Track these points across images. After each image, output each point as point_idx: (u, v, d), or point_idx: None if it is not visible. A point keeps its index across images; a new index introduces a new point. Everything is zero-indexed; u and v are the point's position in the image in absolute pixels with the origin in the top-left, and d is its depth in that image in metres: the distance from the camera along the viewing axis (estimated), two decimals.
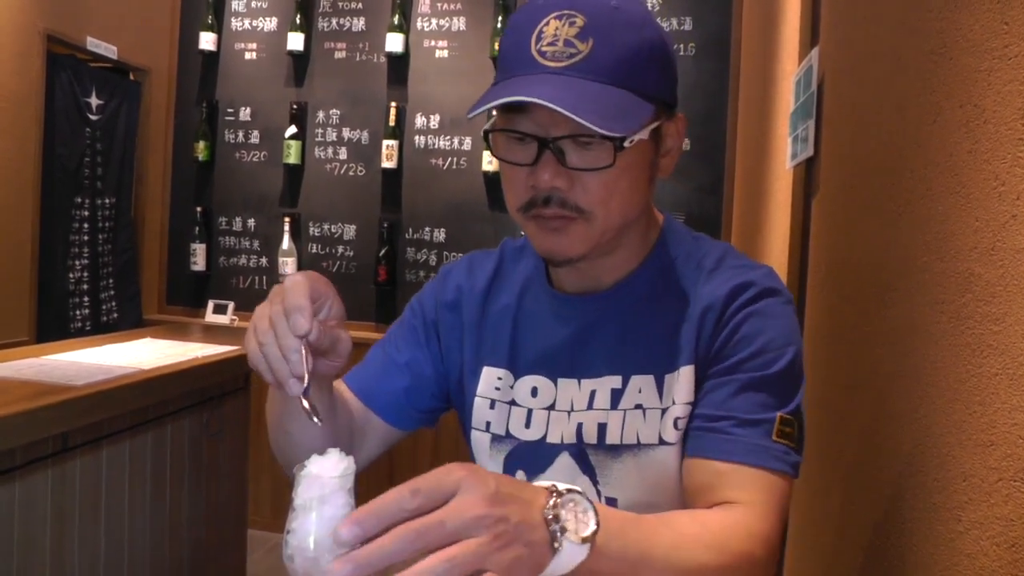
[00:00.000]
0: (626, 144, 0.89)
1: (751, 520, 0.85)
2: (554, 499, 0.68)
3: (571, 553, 0.67)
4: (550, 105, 0.83)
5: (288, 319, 0.79)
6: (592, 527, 0.68)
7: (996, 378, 0.73)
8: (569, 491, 0.70)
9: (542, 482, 0.71)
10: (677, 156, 1.01)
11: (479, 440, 1.08)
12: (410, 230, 3.75)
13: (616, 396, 0.99)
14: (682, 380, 0.97)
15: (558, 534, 0.66)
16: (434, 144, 3.72)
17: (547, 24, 0.91)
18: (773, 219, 2.22)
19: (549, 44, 0.90)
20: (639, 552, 0.74)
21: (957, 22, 0.87)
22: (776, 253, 2.07)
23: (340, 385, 1.10)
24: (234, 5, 3.92)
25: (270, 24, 3.89)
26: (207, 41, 3.87)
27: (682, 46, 3.51)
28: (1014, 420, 0.70)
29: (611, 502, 0.99)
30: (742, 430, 0.90)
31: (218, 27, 3.91)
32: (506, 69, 0.93)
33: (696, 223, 3.42)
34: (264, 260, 3.89)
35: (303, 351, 0.80)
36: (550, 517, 0.67)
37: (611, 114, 0.86)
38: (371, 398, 1.10)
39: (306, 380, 0.80)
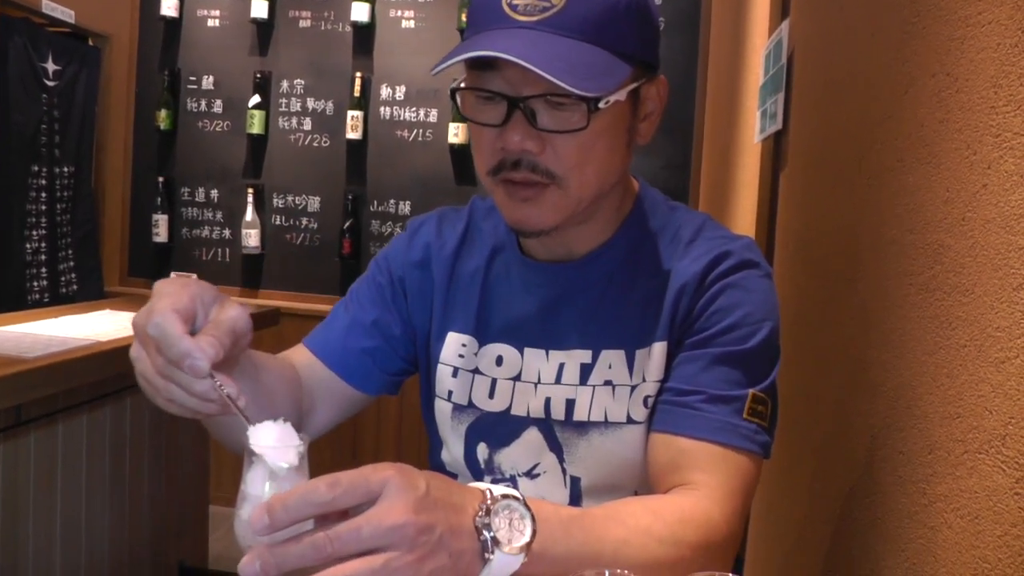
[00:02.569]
0: (600, 105, 0.85)
1: (710, 506, 0.83)
2: (487, 504, 0.65)
3: (504, 563, 0.64)
4: (519, 61, 0.79)
5: (184, 368, 0.68)
6: (527, 537, 0.66)
7: (964, 349, 0.73)
8: (505, 496, 0.67)
9: (478, 484, 0.69)
10: (657, 121, 0.98)
11: (441, 409, 1.05)
12: (375, 202, 3.70)
13: (586, 371, 0.97)
14: (654, 357, 0.94)
15: (489, 544, 0.64)
16: (400, 116, 3.68)
17: None
18: (741, 193, 2.22)
19: None
20: (585, 551, 0.71)
21: None
22: (744, 227, 2.07)
23: (300, 353, 1.05)
24: None
25: None
26: (169, 7, 3.77)
27: None
28: (980, 392, 0.69)
29: (575, 481, 0.97)
30: (712, 406, 0.88)
31: None
32: (475, 24, 0.89)
33: None
34: (227, 232, 3.83)
35: (216, 381, 0.71)
36: (481, 525, 0.64)
37: (585, 73, 0.82)
38: (334, 360, 1.04)
39: (238, 397, 0.72)
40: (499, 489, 0.68)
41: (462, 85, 0.92)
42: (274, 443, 0.69)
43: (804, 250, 1.45)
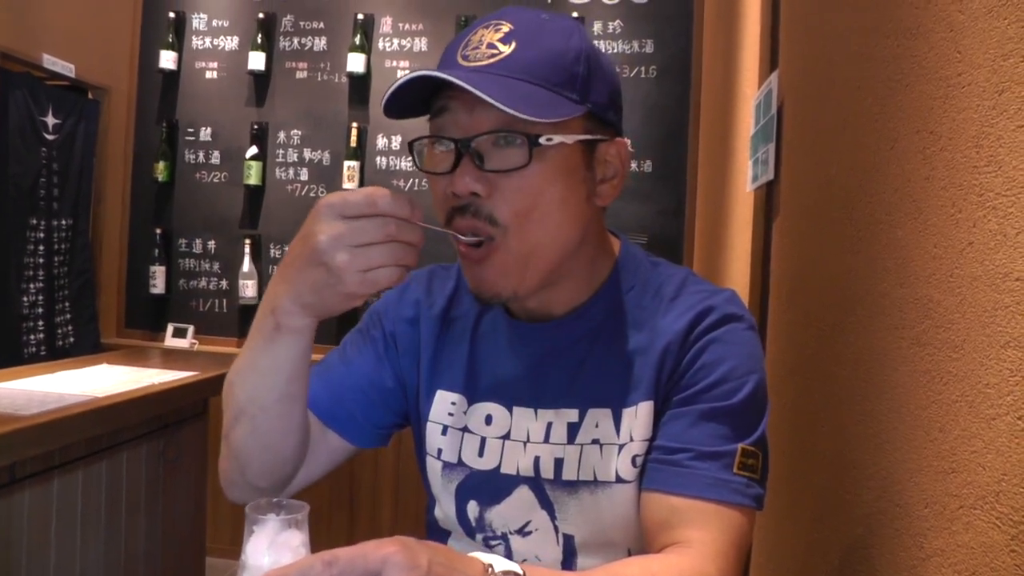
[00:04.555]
0: (542, 141, 0.85)
1: (705, 564, 0.82)
2: None
3: None
4: (448, 78, 0.81)
5: (414, 215, 0.79)
6: None
7: (956, 405, 0.73)
8: (506, 573, 0.67)
9: (480, 555, 0.69)
10: (620, 184, 0.96)
11: (432, 467, 1.05)
12: None
13: (573, 430, 0.97)
14: (640, 416, 0.94)
15: None
16: (396, 165, 3.71)
17: (474, 33, 0.90)
18: (735, 242, 2.23)
19: (473, 48, 0.88)
20: None
21: (912, 49, 0.87)
22: (738, 276, 2.07)
23: None
24: (195, 24, 3.89)
25: (231, 43, 3.86)
26: (167, 60, 3.82)
27: (643, 69, 3.54)
28: (972, 447, 0.69)
29: (568, 539, 0.97)
30: (701, 463, 0.87)
31: (178, 46, 3.86)
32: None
33: (658, 245, 3.43)
34: (224, 283, 3.83)
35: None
36: None
37: (523, 101, 0.82)
38: (324, 411, 1.04)
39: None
40: (501, 564, 0.68)
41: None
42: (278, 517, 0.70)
43: (797, 300, 1.45)
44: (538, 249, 0.90)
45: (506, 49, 0.86)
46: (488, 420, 1.01)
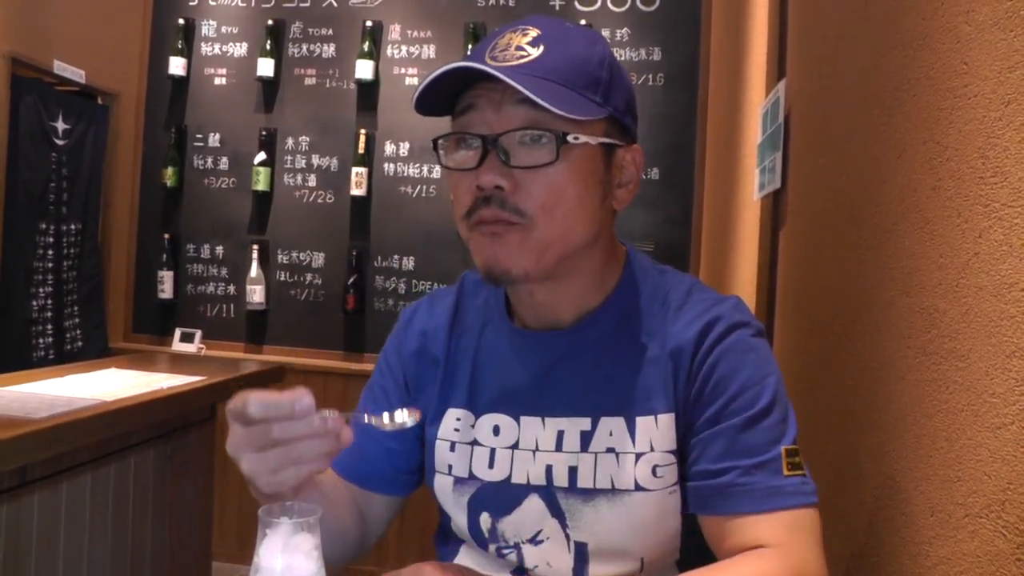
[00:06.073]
0: (570, 139, 0.88)
1: (791, 565, 0.82)
2: None
3: None
4: (491, 71, 0.84)
5: (296, 412, 0.77)
6: None
7: (961, 414, 0.74)
8: None
9: None
10: (635, 189, 0.99)
11: (442, 484, 1.05)
12: (379, 258, 3.73)
13: (586, 438, 0.97)
14: (662, 428, 0.94)
15: None
16: (403, 172, 3.72)
17: (501, 37, 0.94)
18: (741, 250, 2.24)
19: (501, 50, 0.92)
20: None
21: (919, 60, 0.88)
22: (744, 284, 2.08)
23: (331, 474, 1.09)
24: (204, 30, 3.91)
25: (240, 49, 3.88)
26: (177, 66, 3.84)
27: (650, 76, 3.54)
28: (978, 456, 0.70)
29: (581, 546, 0.97)
30: (751, 477, 0.87)
31: (188, 52, 3.88)
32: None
33: (665, 253, 3.43)
34: (232, 288, 3.85)
35: (322, 419, 0.78)
36: None
37: (557, 98, 0.86)
38: (360, 477, 1.09)
39: (342, 417, 0.79)
40: None
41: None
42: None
43: (804, 308, 1.46)
44: (556, 241, 0.92)
45: (535, 52, 0.90)
46: (496, 431, 1.02)
